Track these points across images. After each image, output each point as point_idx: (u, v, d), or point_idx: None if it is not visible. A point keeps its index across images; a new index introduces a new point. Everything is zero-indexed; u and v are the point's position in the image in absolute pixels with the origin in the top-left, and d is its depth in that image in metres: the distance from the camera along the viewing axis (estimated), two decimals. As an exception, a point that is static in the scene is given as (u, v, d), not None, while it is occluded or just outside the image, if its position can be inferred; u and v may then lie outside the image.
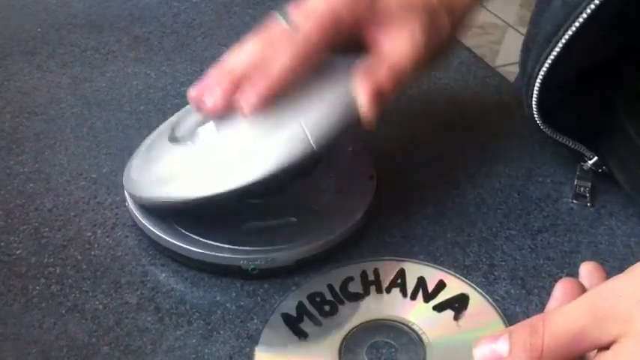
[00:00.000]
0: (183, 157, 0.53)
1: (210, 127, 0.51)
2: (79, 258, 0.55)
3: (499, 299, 0.53)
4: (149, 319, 0.51)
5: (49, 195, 0.60)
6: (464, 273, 0.54)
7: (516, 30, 2.36)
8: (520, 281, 0.55)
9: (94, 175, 0.62)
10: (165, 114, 0.60)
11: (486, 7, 2.39)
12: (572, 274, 0.45)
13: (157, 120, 0.60)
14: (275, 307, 0.52)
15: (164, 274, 0.54)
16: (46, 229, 0.57)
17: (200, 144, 0.52)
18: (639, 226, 0.59)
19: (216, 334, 0.50)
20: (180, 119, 0.56)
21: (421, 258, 0.56)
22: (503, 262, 0.56)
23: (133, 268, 0.55)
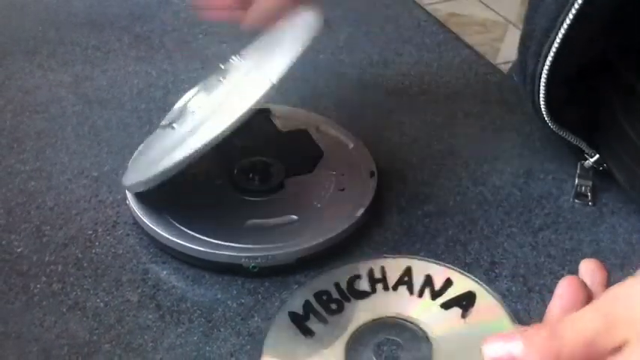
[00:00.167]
0: (168, 138, 0.54)
1: (191, 106, 0.55)
2: (80, 256, 0.55)
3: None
4: (150, 316, 0.51)
5: (50, 193, 0.60)
6: (465, 270, 0.54)
7: (517, 27, 2.36)
8: (521, 279, 0.55)
9: (95, 174, 0.62)
10: (167, 112, 0.60)
11: (488, 5, 2.39)
12: (574, 271, 0.45)
13: (158, 118, 0.60)
14: (281, 305, 0.52)
15: (165, 272, 0.55)
16: (48, 227, 0.57)
17: (182, 123, 0.54)
18: (641, 224, 0.59)
19: (217, 331, 0.50)
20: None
21: (422, 255, 0.56)
22: (504, 260, 0.56)
23: (134, 266, 0.55)
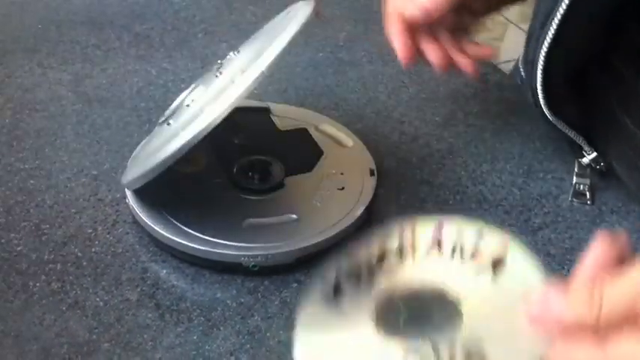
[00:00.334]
0: (164, 134, 0.55)
1: (186, 101, 0.55)
2: (79, 255, 0.55)
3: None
4: (150, 315, 0.51)
5: (49, 192, 0.60)
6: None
7: (518, 27, 2.35)
8: (521, 278, 0.55)
9: (94, 172, 0.62)
10: (166, 111, 0.59)
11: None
12: (573, 271, 0.44)
13: (157, 117, 0.60)
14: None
15: (165, 270, 0.54)
16: (47, 225, 0.57)
17: (177, 118, 0.54)
18: (640, 223, 0.59)
19: (217, 330, 0.50)
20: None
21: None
22: (504, 259, 0.56)
23: (133, 264, 0.55)
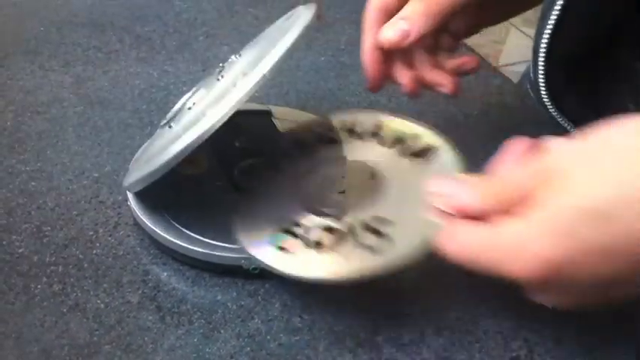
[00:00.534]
0: (165, 136, 0.55)
1: (188, 104, 0.56)
2: (80, 257, 0.55)
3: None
4: (150, 318, 0.51)
5: (50, 194, 0.60)
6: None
7: (519, 30, 2.36)
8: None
9: (96, 174, 0.62)
10: (167, 113, 0.60)
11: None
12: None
13: (158, 119, 0.60)
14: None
15: (165, 273, 0.55)
16: (48, 228, 0.57)
17: (178, 121, 0.54)
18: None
19: (217, 333, 0.51)
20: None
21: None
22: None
23: (134, 267, 0.55)
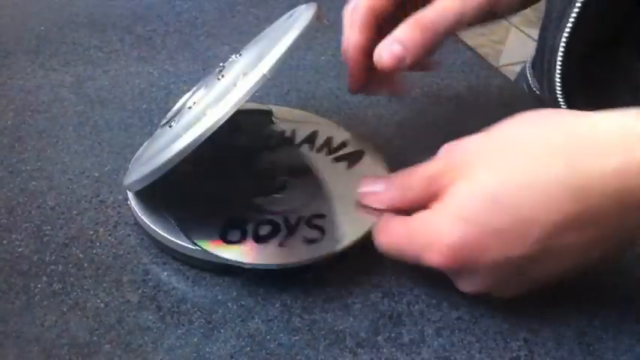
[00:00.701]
0: (165, 136, 0.55)
1: (188, 104, 0.56)
2: (80, 256, 0.55)
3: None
4: (150, 317, 0.51)
5: (51, 193, 0.60)
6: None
7: (519, 30, 2.36)
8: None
9: (96, 174, 0.62)
10: (168, 113, 0.60)
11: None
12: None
13: (159, 119, 0.60)
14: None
15: (166, 272, 0.55)
16: (48, 227, 0.57)
17: (178, 120, 0.54)
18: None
19: (217, 333, 0.51)
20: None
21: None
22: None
23: (134, 266, 0.55)
